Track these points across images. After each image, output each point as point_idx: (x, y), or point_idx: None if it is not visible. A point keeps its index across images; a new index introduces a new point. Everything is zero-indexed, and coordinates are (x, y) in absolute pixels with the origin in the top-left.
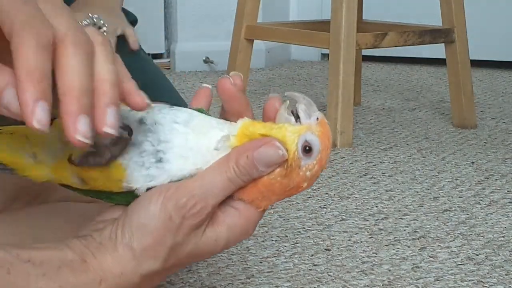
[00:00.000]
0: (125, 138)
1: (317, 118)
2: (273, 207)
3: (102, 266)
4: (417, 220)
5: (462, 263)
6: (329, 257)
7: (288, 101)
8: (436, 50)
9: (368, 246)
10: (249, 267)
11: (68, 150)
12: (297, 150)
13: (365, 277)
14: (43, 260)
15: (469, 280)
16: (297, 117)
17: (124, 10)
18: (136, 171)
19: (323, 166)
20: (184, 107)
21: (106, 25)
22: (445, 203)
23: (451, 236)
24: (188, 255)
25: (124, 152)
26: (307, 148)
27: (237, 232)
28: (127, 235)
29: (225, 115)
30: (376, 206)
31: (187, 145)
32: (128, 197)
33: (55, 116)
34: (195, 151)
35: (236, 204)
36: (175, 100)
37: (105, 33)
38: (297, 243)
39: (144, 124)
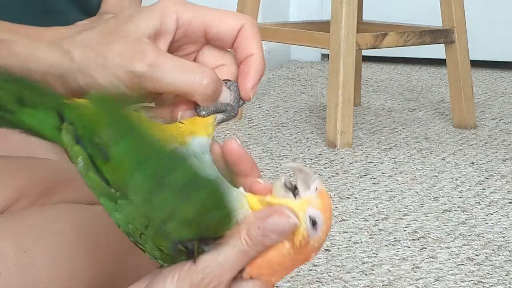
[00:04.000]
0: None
1: (316, 188)
2: None
3: None
4: (417, 221)
5: (462, 263)
6: (329, 257)
7: (283, 178)
8: (436, 51)
9: (368, 247)
10: None
11: None
12: (306, 226)
13: (365, 278)
14: None
15: (469, 281)
16: (294, 189)
17: None
18: None
19: (327, 235)
20: None
21: None
22: (445, 204)
23: (451, 237)
24: None
25: None
26: (312, 222)
27: None
28: None
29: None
30: (376, 207)
31: None
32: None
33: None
34: None
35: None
36: None
37: None
38: None
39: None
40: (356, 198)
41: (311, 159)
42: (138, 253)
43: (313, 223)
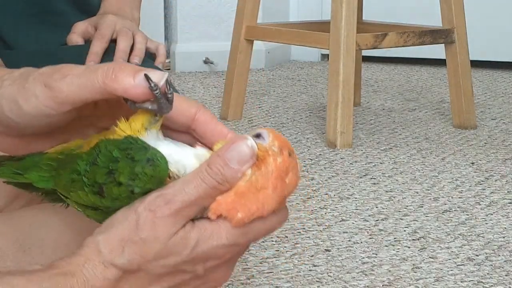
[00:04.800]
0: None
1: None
2: None
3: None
4: (417, 221)
5: (462, 263)
6: (329, 257)
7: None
8: (436, 51)
9: (368, 247)
10: (249, 268)
11: None
12: (267, 147)
13: (365, 278)
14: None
15: (469, 281)
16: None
17: None
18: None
19: (286, 143)
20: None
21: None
22: (445, 204)
23: (451, 237)
24: (156, 255)
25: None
26: (258, 135)
27: (206, 236)
28: (96, 236)
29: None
30: (376, 207)
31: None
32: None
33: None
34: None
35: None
36: None
37: None
38: (297, 243)
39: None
40: (356, 198)
41: (311, 159)
42: None
43: (259, 135)
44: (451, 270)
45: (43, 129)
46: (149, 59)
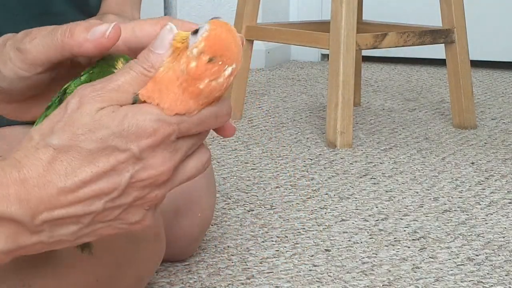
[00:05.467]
0: None
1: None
2: (273, 207)
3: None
4: (417, 221)
5: (462, 263)
6: (329, 257)
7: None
8: (436, 51)
9: (368, 247)
10: (249, 268)
11: None
12: (188, 36)
13: (365, 278)
14: None
15: (469, 281)
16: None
17: None
18: None
19: (217, 47)
20: None
21: None
22: (445, 204)
23: (451, 237)
24: (84, 127)
25: None
26: (195, 31)
27: (135, 110)
28: (30, 131)
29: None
30: (376, 207)
31: None
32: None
33: None
34: None
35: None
36: None
37: None
38: (297, 243)
39: None
40: (356, 198)
41: (311, 159)
42: (134, 246)
43: (196, 31)
44: (451, 270)
45: (31, 92)
46: None
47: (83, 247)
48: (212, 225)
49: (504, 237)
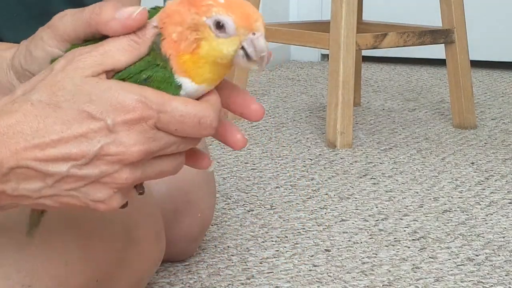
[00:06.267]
0: None
1: None
2: (273, 207)
3: None
4: (417, 221)
5: (462, 263)
6: (329, 257)
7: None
8: (436, 51)
9: (368, 247)
10: (249, 268)
11: None
12: None
13: (365, 278)
14: None
15: (469, 281)
16: None
17: None
18: None
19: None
20: None
21: None
22: (445, 204)
23: (451, 237)
24: (60, 87)
25: None
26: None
27: (119, 86)
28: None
29: None
30: (376, 207)
31: None
32: None
33: None
34: None
35: None
36: None
37: None
38: (297, 243)
39: None
40: (356, 198)
41: (311, 159)
42: (134, 247)
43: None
44: (451, 270)
45: None
46: None
47: (31, 224)
48: (212, 225)
49: (504, 237)
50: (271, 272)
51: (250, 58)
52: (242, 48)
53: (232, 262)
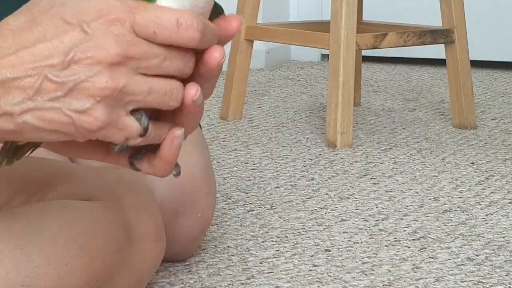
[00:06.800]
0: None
1: None
2: (273, 207)
3: None
4: (417, 221)
5: (462, 263)
6: (329, 257)
7: None
8: (436, 51)
9: (368, 247)
10: (249, 268)
11: None
12: None
13: (365, 278)
14: None
15: (469, 281)
16: None
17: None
18: None
19: None
20: None
21: None
22: (445, 204)
23: (451, 237)
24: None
25: None
26: None
27: None
28: None
29: None
30: (376, 207)
31: None
32: None
33: None
34: None
35: None
36: None
37: None
38: (297, 243)
39: None
40: (356, 198)
41: (311, 159)
42: (135, 246)
43: None
44: (451, 270)
45: None
46: None
47: (7, 155)
48: (212, 225)
49: (504, 237)
50: (271, 272)
51: None
52: None
53: (232, 262)
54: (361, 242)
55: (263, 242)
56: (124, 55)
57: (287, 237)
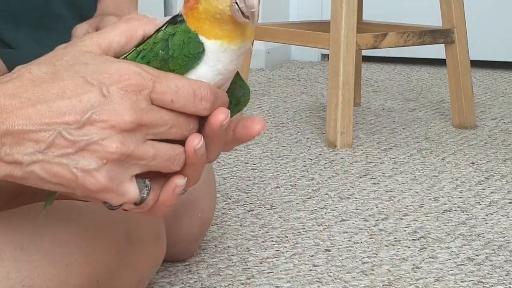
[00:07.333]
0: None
1: None
2: (273, 207)
3: None
4: (417, 221)
5: (462, 263)
6: (329, 257)
7: None
8: (436, 51)
9: (368, 247)
10: (249, 268)
11: None
12: None
13: (365, 278)
14: None
15: (469, 281)
16: None
17: None
18: None
19: None
20: None
21: None
22: (445, 204)
23: (451, 237)
24: (67, 54)
25: None
26: None
27: (116, 60)
28: None
29: None
30: (376, 207)
31: None
32: None
33: None
34: None
35: None
36: None
37: None
38: (297, 243)
39: None
40: (356, 198)
41: (311, 159)
42: (135, 247)
43: None
44: (451, 270)
45: None
46: None
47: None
48: (212, 225)
49: (504, 237)
50: (271, 272)
51: (244, 14)
52: (236, 4)
53: (232, 262)
54: (361, 242)
55: (263, 242)
56: (137, 123)
57: (287, 237)
